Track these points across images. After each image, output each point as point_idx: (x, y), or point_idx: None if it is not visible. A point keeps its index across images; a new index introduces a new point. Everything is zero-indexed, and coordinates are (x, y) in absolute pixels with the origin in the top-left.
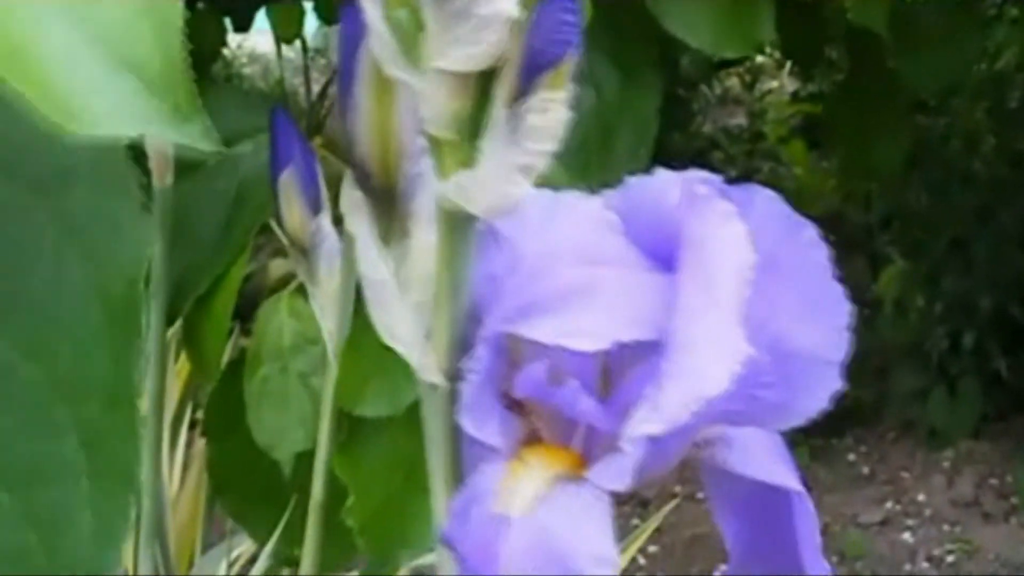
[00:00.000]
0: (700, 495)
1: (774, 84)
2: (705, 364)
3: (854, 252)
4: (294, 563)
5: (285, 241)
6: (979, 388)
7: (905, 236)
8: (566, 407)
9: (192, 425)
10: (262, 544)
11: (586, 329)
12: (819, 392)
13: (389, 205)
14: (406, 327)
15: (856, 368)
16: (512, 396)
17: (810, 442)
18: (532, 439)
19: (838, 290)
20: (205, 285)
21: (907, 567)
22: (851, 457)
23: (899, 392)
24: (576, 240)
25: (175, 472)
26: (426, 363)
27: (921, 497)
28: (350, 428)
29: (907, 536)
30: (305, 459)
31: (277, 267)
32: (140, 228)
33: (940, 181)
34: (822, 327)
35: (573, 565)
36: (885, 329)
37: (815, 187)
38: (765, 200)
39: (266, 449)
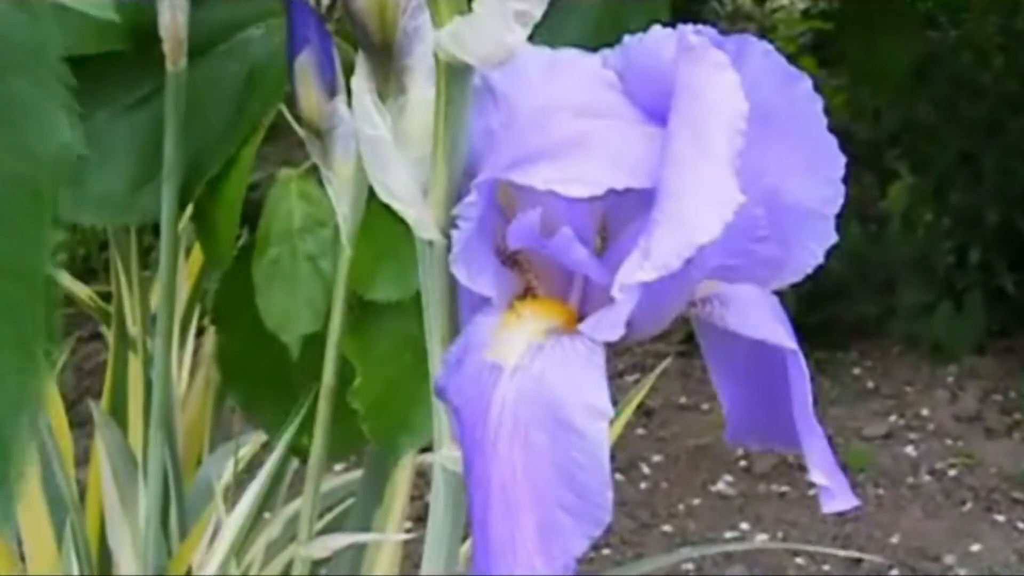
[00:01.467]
0: (705, 406)
1: (785, 0)
2: (696, 211)
3: (863, 168)
4: (302, 452)
5: (298, 127)
6: (984, 304)
7: (913, 151)
8: (560, 257)
9: (200, 332)
10: (270, 435)
11: (578, 176)
12: (813, 246)
13: (386, 60)
14: (403, 183)
15: (862, 283)
16: (508, 250)
17: (815, 355)
18: (528, 293)
19: (832, 143)
20: (217, 167)
21: (909, 480)
22: (856, 371)
23: (905, 307)
24: (573, 95)
25: (183, 375)
26: (423, 219)
27: (925, 411)
28: (360, 311)
29: (910, 449)
30: (313, 346)
31: (284, 176)
32: (64, 122)
33: (949, 96)
34: (817, 180)
35: (565, 415)
36: (892, 244)
37: (824, 103)
38: (759, 52)
39: (274, 331)
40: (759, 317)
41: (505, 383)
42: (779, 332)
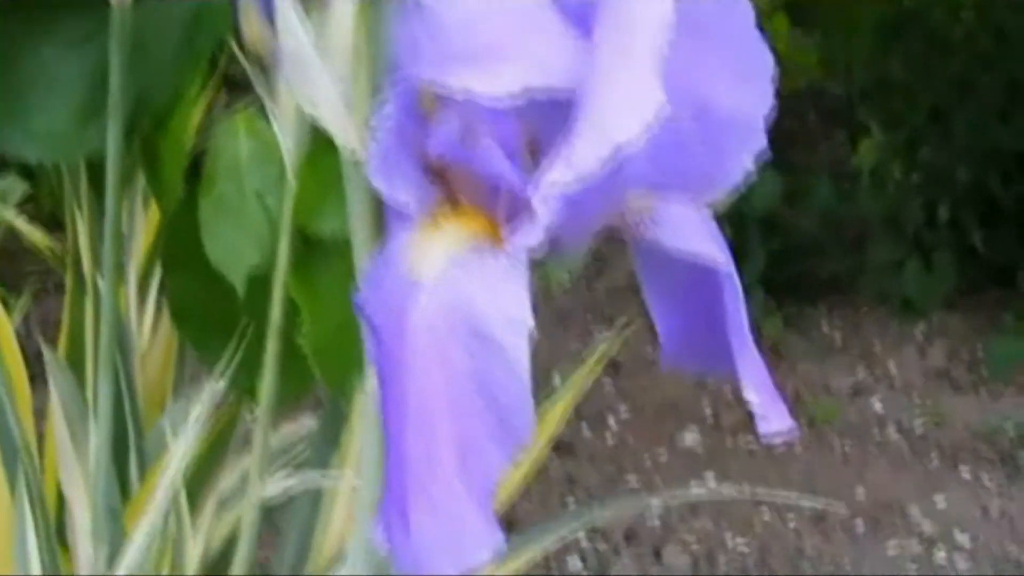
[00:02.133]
0: None
1: None
2: (616, 113)
3: (835, 126)
4: (253, 395)
5: (244, 59)
6: (954, 261)
7: (884, 108)
8: (480, 166)
9: (163, 285)
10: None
11: (495, 75)
12: (743, 155)
13: None
14: (326, 96)
15: (832, 239)
16: (431, 161)
17: (784, 311)
18: (452, 208)
19: (764, 51)
20: (163, 102)
21: (876, 435)
22: (825, 327)
23: (874, 263)
24: (499, 2)
25: (145, 327)
26: (345, 131)
27: (892, 367)
28: (306, 249)
29: (877, 405)
30: (263, 286)
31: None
32: None
33: (921, 53)
34: (748, 89)
35: (485, 329)
36: (862, 201)
37: (797, 61)
38: None
39: (219, 269)
40: (692, 236)
41: (423, 297)
42: (713, 251)
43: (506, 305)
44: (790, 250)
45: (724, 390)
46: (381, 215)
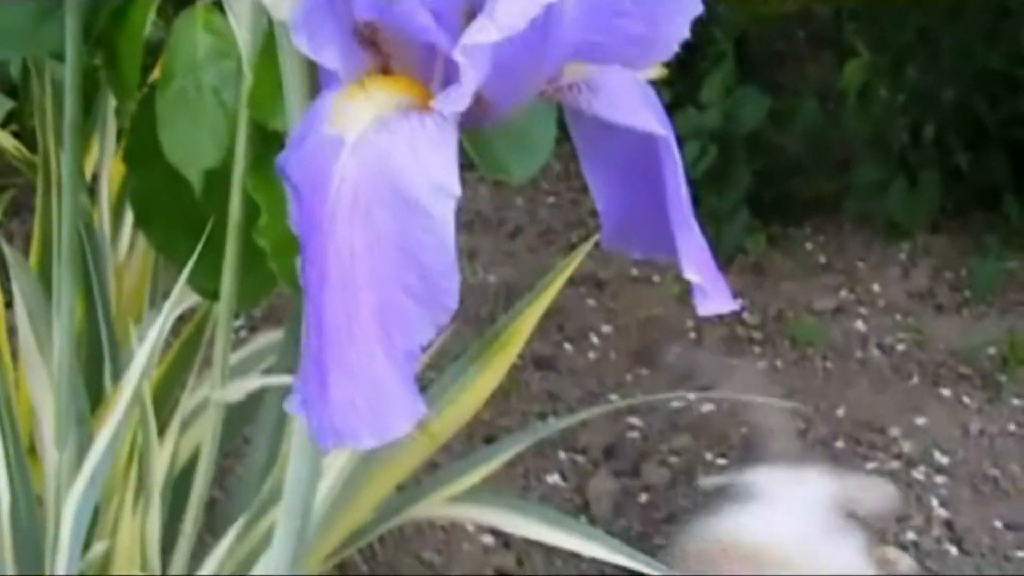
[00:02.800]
0: (656, 278)
1: None
2: None
3: (822, 47)
4: (214, 295)
5: None
6: (939, 181)
7: (872, 28)
8: (405, 25)
9: None
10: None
11: None
12: (680, 19)
13: None
14: None
15: (818, 159)
16: (360, 27)
17: (768, 230)
18: (382, 74)
19: None
20: None
21: (858, 354)
22: (809, 246)
23: (860, 184)
24: None
25: (122, 241)
26: (278, 4)
27: (876, 287)
28: (264, 144)
29: (860, 324)
30: (222, 183)
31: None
32: None
33: None
34: None
35: (410, 192)
36: (848, 121)
37: None
38: None
39: (177, 165)
40: (629, 103)
41: (346, 157)
42: (650, 119)
43: (432, 169)
44: (775, 170)
45: None
46: (316, 85)
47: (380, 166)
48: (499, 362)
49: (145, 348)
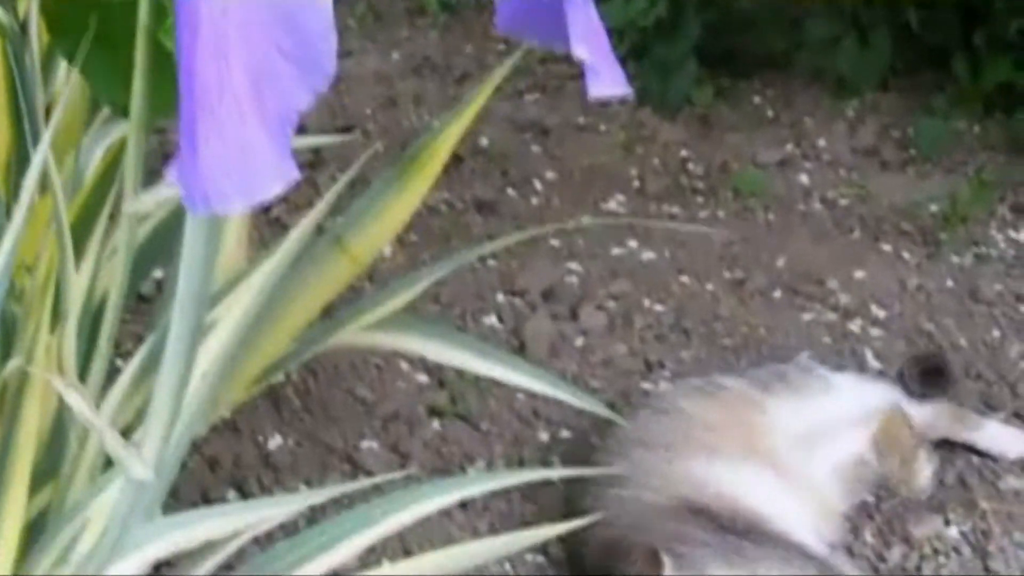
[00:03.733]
0: (602, 127)
1: None
2: None
3: None
4: (127, 111)
5: None
6: (889, 40)
7: None
8: None
9: None
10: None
11: None
12: None
13: None
14: None
15: (770, 15)
16: None
17: (717, 82)
18: None
19: None
20: None
21: (800, 207)
22: (756, 99)
23: (811, 40)
24: None
25: (59, 71)
26: None
27: (822, 142)
28: None
29: (803, 178)
30: None
31: None
32: None
33: None
34: None
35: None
36: None
37: None
38: None
39: None
40: None
41: None
42: None
43: None
44: (727, 23)
45: (652, 158)
46: None
47: None
48: (418, 182)
49: (66, 171)
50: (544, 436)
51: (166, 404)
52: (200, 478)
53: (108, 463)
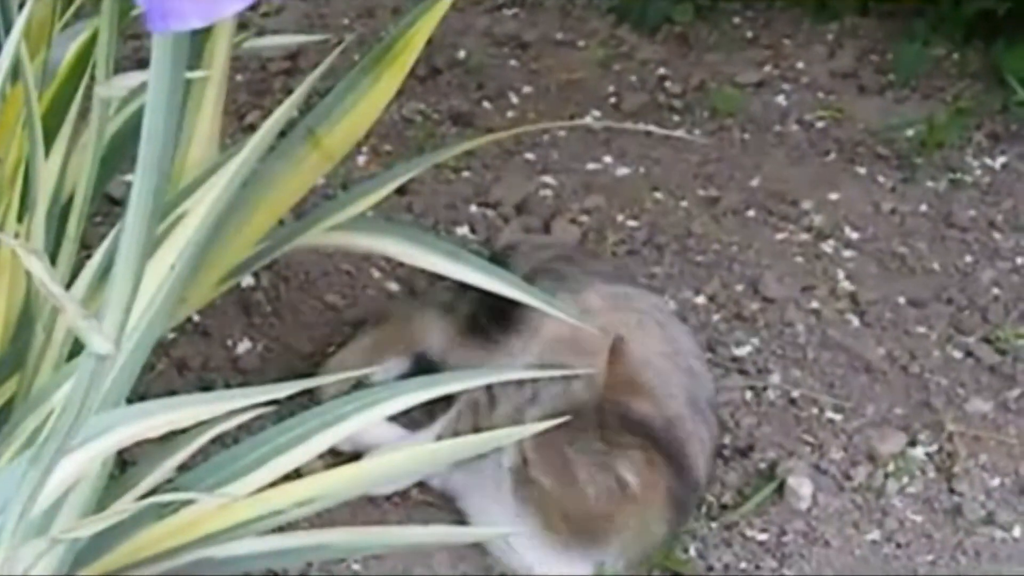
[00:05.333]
0: (581, 43)
1: None
2: None
3: None
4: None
5: None
6: None
7: None
8: None
9: None
10: None
11: None
12: None
13: None
14: None
15: None
16: None
17: (697, 1)
18: None
19: None
20: None
21: (777, 128)
22: (736, 20)
23: None
24: None
25: None
26: None
27: (800, 64)
28: None
29: (781, 99)
30: None
31: None
32: None
33: None
34: None
35: None
36: None
37: None
38: None
39: None
40: None
41: None
42: None
43: None
44: None
45: (630, 75)
46: None
47: None
48: (391, 75)
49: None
50: None
51: (126, 280)
52: (168, 380)
53: (73, 353)
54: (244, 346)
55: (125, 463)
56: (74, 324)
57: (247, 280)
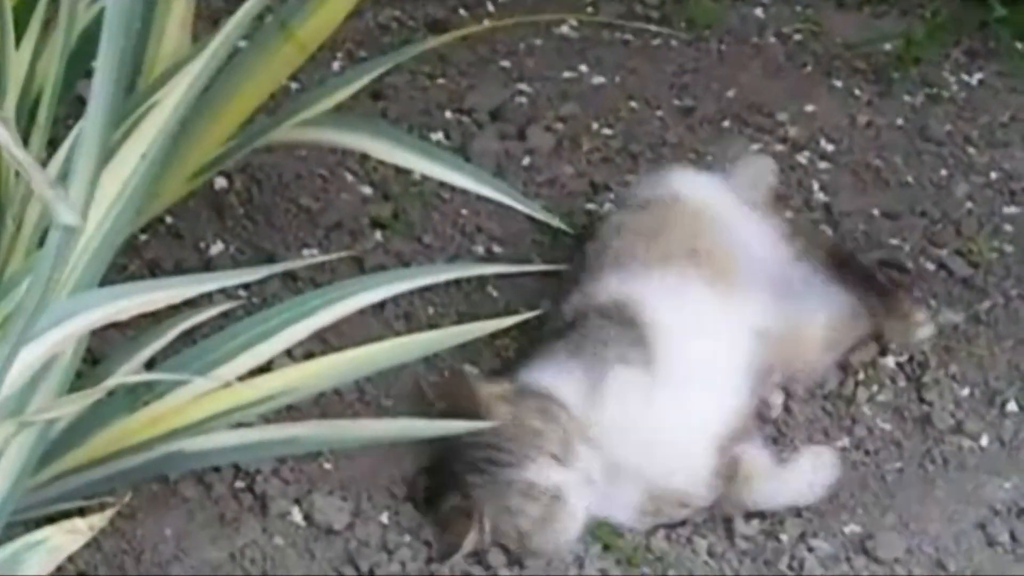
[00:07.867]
0: None
1: None
2: None
3: None
4: None
5: None
6: None
7: None
8: None
9: None
10: None
11: None
12: None
13: None
14: None
15: None
16: None
17: None
18: None
19: None
20: None
21: (754, 39)
22: None
23: None
24: None
25: None
26: None
27: None
28: None
29: (759, 11)
30: None
31: None
32: None
33: None
34: None
35: None
36: None
37: None
38: None
39: None
40: None
41: None
42: None
43: None
44: None
45: None
46: None
47: None
48: None
49: None
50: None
51: (91, 152)
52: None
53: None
54: (217, 248)
55: (96, 360)
56: (40, 192)
57: (220, 182)
